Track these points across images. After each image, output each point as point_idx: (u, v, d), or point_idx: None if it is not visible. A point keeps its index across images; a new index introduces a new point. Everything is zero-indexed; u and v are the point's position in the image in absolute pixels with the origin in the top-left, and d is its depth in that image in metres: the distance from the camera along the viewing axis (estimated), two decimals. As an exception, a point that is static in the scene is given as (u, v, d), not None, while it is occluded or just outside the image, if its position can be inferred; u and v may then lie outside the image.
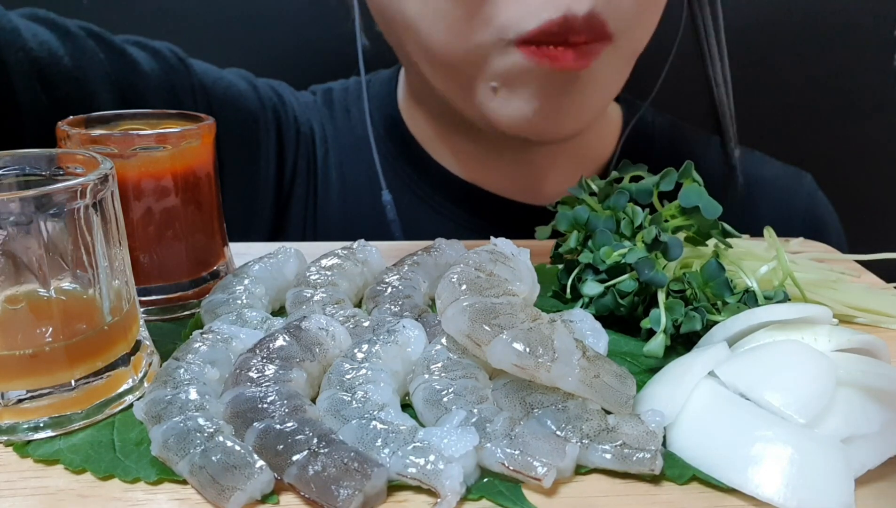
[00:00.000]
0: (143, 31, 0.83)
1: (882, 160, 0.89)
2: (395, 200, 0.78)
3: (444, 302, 0.42)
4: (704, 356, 0.40)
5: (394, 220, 0.78)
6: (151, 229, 0.50)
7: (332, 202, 0.81)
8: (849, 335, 0.40)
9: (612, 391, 0.38)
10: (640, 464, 0.35)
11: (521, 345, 0.38)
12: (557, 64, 0.61)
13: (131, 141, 0.47)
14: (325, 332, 0.43)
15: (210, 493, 0.34)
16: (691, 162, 0.51)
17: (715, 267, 0.47)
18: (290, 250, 0.55)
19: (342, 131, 0.83)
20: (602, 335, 0.45)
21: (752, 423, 0.36)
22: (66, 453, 0.37)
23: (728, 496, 0.35)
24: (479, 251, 0.46)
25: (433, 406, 0.38)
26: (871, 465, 0.36)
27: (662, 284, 0.47)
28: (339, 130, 0.83)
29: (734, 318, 0.43)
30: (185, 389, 0.39)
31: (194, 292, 0.53)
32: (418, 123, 0.79)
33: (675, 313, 0.46)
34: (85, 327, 0.39)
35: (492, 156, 0.77)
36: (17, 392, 0.38)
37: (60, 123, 0.49)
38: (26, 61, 0.67)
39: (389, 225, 0.78)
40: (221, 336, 0.43)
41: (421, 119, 0.79)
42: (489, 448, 0.35)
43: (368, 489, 0.33)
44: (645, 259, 0.47)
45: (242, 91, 0.79)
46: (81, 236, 0.38)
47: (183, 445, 0.35)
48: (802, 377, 0.37)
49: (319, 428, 0.36)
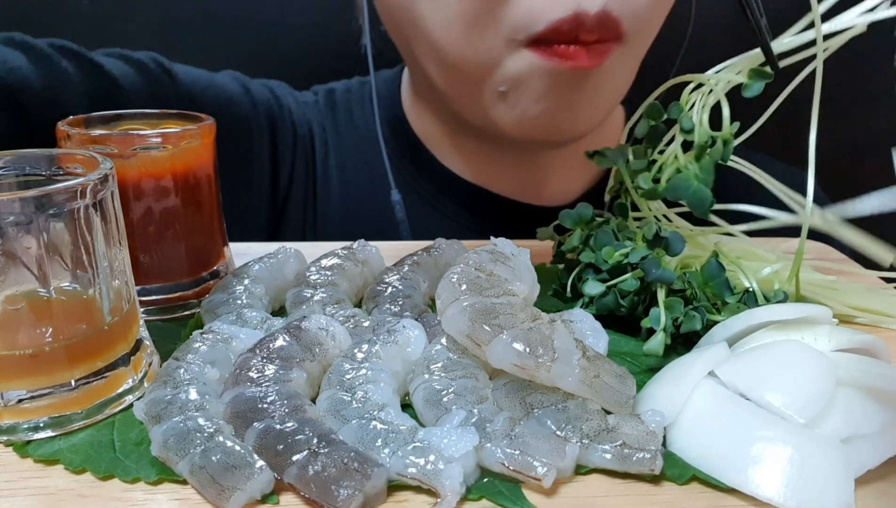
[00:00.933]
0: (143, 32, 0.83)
1: (881, 160, 0.89)
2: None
3: (444, 302, 0.42)
4: (704, 356, 0.40)
5: (403, 220, 0.77)
6: (151, 229, 0.50)
7: (333, 203, 0.81)
8: (849, 335, 0.40)
9: (612, 391, 0.38)
10: (640, 464, 0.35)
11: (521, 345, 0.38)
12: (569, 63, 0.61)
13: (131, 141, 0.47)
14: (325, 332, 0.43)
15: (210, 493, 0.34)
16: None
17: (715, 267, 0.47)
18: (290, 250, 0.55)
19: (345, 132, 0.82)
20: (602, 335, 0.45)
21: (752, 423, 0.36)
22: (66, 453, 0.37)
23: (728, 496, 0.35)
24: (479, 251, 0.46)
25: (433, 406, 0.38)
26: (871, 465, 0.36)
27: (671, 281, 0.46)
28: (342, 131, 0.82)
29: (734, 318, 0.43)
30: (185, 389, 0.39)
31: (194, 292, 0.53)
32: (423, 123, 0.79)
33: (675, 311, 0.46)
34: (85, 327, 0.39)
35: (495, 157, 0.77)
36: (17, 392, 0.38)
37: (60, 123, 0.49)
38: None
39: (398, 225, 0.77)
40: (221, 336, 0.43)
41: (425, 120, 0.78)
42: (489, 448, 0.35)
43: (368, 489, 0.33)
44: (651, 259, 0.47)
45: (234, 95, 0.78)
46: (81, 236, 0.38)
47: (183, 445, 0.35)
48: (802, 377, 0.37)
49: (319, 428, 0.36)
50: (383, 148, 0.76)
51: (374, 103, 0.78)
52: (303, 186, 0.81)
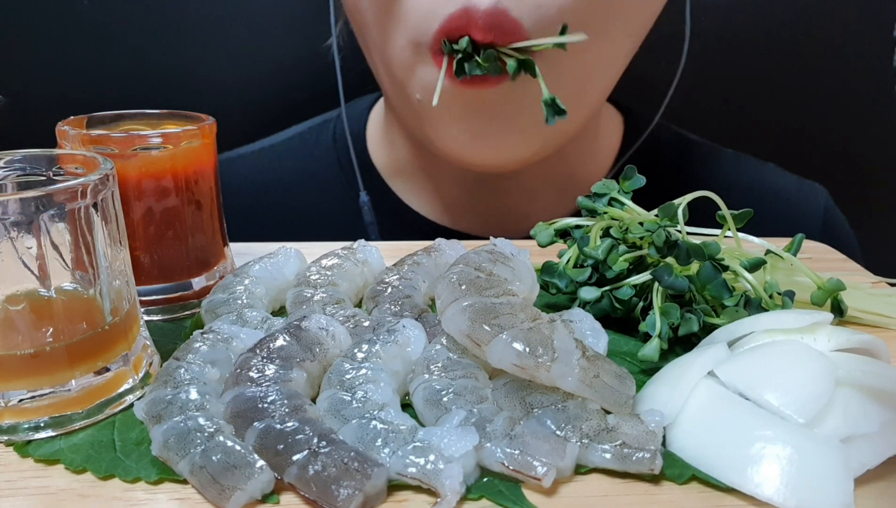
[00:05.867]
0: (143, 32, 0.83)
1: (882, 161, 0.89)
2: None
3: (443, 302, 0.42)
4: (704, 356, 0.40)
5: (371, 222, 0.76)
6: (152, 229, 0.50)
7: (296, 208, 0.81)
8: (848, 334, 0.40)
9: (612, 391, 0.38)
10: (639, 464, 0.35)
11: (521, 345, 0.38)
12: (465, 83, 0.58)
13: (131, 141, 0.47)
14: (326, 332, 0.43)
15: (210, 493, 0.34)
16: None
17: (710, 269, 0.46)
18: (290, 250, 0.55)
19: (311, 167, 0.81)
20: (602, 335, 0.45)
21: (751, 423, 0.36)
22: (66, 453, 0.37)
23: (727, 495, 0.35)
24: (479, 251, 0.46)
25: (433, 406, 0.38)
26: (870, 465, 0.36)
27: (684, 289, 0.46)
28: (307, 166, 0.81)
29: (739, 322, 0.43)
30: (186, 389, 0.39)
31: (195, 292, 0.53)
32: (389, 160, 0.77)
33: (672, 317, 0.46)
34: (85, 327, 0.39)
35: (466, 193, 0.74)
36: (17, 392, 0.38)
37: (60, 124, 0.49)
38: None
39: (367, 228, 0.77)
40: (222, 336, 0.43)
41: (392, 156, 0.77)
42: (489, 448, 0.35)
43: (368, 488, 0.33)
44: (663, 266, 0.47)
45: None
46: (82, 236, 0.38)
47: (183, 445, 0.35)
48: (802, 377, 0.37)
49: (319, 428, 0.36)
50: (352, 151, 0.76)
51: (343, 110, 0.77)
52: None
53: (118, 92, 0.84)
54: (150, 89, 0.84)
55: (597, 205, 0.52)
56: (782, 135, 0.86)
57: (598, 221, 0.52)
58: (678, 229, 0.48)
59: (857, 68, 0.84)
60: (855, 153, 0.88)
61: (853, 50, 0.83)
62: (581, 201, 0.53)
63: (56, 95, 0.84)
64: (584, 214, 0.53)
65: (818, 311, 0.44)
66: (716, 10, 0.83)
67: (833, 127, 0.87)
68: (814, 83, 0.85)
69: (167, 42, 0.81)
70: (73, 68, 0.84)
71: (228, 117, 0.85)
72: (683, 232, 0.48)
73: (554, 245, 0.55)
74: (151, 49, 0.83)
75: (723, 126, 0.85)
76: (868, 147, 0.88)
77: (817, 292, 0.50)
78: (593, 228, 0.52)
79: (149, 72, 0.84)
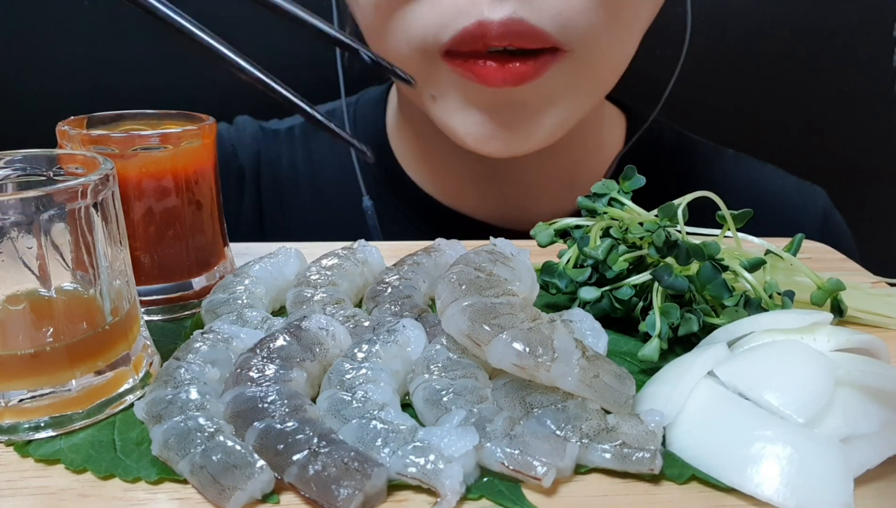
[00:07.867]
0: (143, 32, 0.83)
1: (882, 161, 0.89)
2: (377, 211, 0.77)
3: (443, 302, 0.42)
4: (704, 356, 0.40)
5: (375, 227, 0.76)
6: (152, 229, 0.50)
7: (304, 210, 0.80)
8: (848, 334, 0.40)
9: (612, 390, 0.38)
10: (639, 464, 0.35)
11: (521, 345, 0.38)
12: (481, 81, 0.58)
13: (132, 141, 0.47)
14: (326, 332, 0.43)
15: (210, 493, 0.34)
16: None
17: (710, 270, 0.47)
18: (290, 250, 0.55)
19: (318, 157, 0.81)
20: (602, 335, 0.45)
21: (751, 423, 0.36)
22: (66, 452, 0.37)
23: (727, 495, 0.35)
24: (479, 251, 0.46)
25: (433, 406, 0.38)
26: (870, 465, 0.36)
27: (684, 289, 0.46)
28: (315, 157, 0.81)
29: (739, 322, 0.43)
30: (186, 389, 0.39)
31: (195, 292, 0.53)
32: (404, 144, 0.77)
33: (671, 317, 0.46)
34: (85, 327, 0.39)
35: (475, 178, 0.75)
36: (17, 392, 0.38)
37: (61, 124, 0.49)
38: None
39: (370, 232, 0.76)
40: (222, 336, 0.43)
41: (407, 140, 0.77)
42: (489, 448, 0.35)
43: (368, 488, 0.33)
44: (663, 266, 0.47)
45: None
46: (82, 236, 0.38)
47: (183, 444, 0.35)
48: (802, 377, 0.37)
49: (320, 428, 0.36)
50: (354, 156, 0.75)
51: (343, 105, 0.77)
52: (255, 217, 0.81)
53: (118, 92, 0.84)
54: (150, 89, 0.84)
55: (597, 205, 0.52)
56: (782, 135, 0.86)
57: (598, 221, 0.52)
58: (678, 229, 0.48)
59: (857, 68, 0.84)
60: (854, 153, 0.88)
61: (853, 50, 0.83)
62: (581, 201, 0.53)
63: (56, 95, 0.84)
64: (584, 214, 0.53)
65: (818, 311, 0.44)
66: (716, 11, 0.83)
67: (833, 127, 0.87)
68: (814, 83, 0.85)
69: (167, 42, 0.81)
70: (72, 68, 0.84)
71: (228, 117, 0.85)
72: (683, 232, 0.48)
73: (554, 245, 0.55)
74: (151, 49, 0.83)
75: (722, 126, 0.85)
76: (868, 148, 0.88)
77: (817, 293, 0.50)
78: (593, 228, 0.52)
79: (149, 72, 0.84)
